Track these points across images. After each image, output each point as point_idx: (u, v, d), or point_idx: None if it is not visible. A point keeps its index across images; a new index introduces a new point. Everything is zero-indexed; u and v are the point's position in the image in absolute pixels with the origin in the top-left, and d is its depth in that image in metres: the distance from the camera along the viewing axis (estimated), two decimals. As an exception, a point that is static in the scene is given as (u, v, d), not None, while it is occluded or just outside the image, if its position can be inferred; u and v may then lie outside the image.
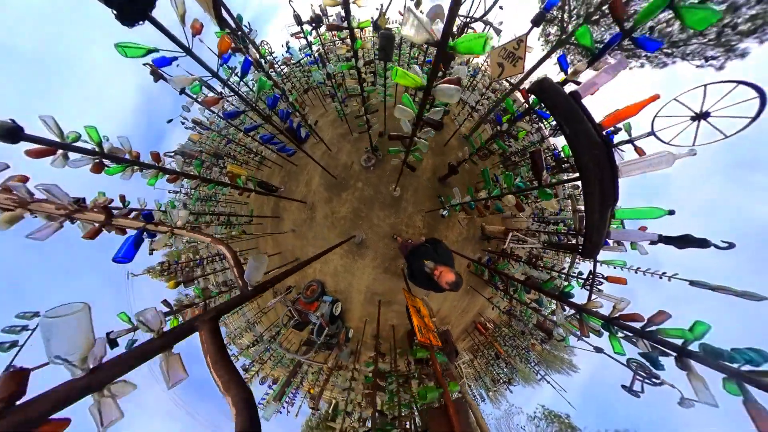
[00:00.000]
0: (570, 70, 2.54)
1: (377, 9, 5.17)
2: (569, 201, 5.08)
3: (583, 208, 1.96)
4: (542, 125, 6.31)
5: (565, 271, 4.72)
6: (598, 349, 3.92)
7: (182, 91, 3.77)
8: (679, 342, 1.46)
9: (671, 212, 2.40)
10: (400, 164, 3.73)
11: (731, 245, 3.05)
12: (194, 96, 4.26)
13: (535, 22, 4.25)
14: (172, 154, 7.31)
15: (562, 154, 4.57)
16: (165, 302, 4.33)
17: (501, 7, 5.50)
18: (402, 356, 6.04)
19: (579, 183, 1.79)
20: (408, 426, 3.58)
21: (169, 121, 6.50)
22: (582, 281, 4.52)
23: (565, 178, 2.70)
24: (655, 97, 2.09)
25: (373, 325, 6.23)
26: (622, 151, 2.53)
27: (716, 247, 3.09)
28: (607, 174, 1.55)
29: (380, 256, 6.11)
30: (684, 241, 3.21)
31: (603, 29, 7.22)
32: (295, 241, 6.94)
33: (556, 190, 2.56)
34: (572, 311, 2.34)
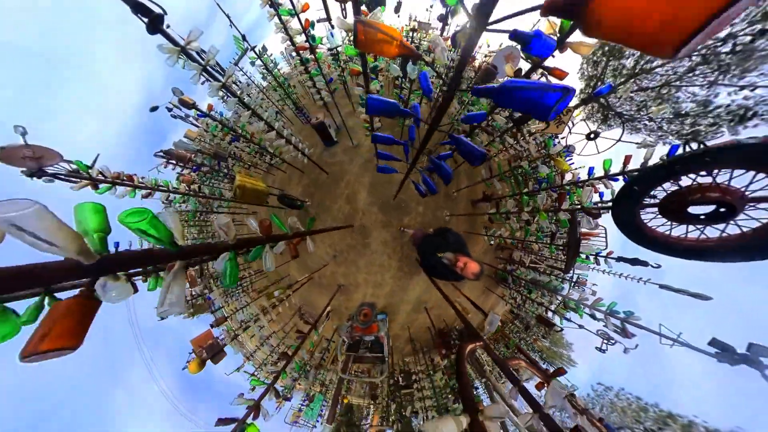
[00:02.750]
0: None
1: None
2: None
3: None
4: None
5: (560, 276, 7.17)
6: (580, 326, 6.40)
7: (188, 55, 2.90)
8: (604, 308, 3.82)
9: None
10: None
11: (659, 266, 5.46)
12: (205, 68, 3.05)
13: (584, 101, 5.53)
14: (162, 153, 7.11)
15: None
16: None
17: (552, 56, 7.33)
18: (425, 356, 8.09)
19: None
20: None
21: (153, 108, 5.51)
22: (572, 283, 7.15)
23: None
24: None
25: (412, 330, 8.30)
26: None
27: (651, 266, 5.52)
28: (577, 247, 4.00)
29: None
30: (634, 261, 5.62)
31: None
32: (336, 268, 7.50)
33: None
34: (560, 300, 4.72)
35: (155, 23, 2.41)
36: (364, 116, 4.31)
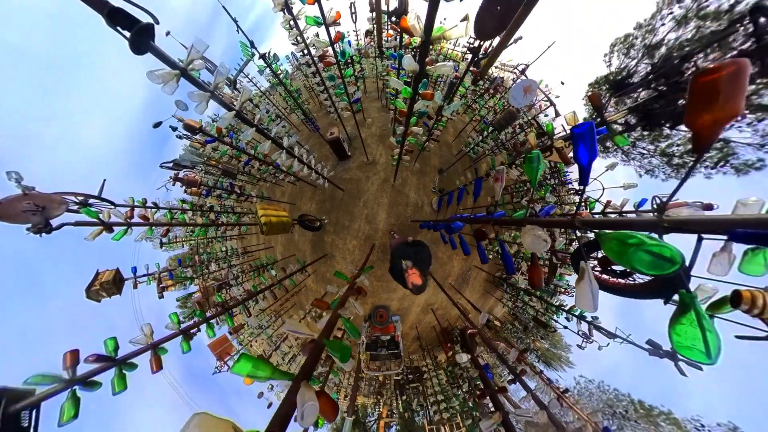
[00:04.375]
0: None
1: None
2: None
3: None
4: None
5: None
6: (564, 326, 7.78)
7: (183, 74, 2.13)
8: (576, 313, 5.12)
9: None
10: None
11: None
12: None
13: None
14: (170, 164, 7.08)
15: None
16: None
17: (562, 83, 8.40)
18: (430, 353, 9.38)
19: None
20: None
21: (157, 125, 5.24)
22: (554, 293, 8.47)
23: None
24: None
25: (419, 329, 9.58)
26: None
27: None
28: (554, 270, 5.28)
29: (440, 278, 7.84)
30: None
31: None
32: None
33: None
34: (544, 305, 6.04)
35: (141, 38, 1.70)
36: (396, 150, 5.20)
